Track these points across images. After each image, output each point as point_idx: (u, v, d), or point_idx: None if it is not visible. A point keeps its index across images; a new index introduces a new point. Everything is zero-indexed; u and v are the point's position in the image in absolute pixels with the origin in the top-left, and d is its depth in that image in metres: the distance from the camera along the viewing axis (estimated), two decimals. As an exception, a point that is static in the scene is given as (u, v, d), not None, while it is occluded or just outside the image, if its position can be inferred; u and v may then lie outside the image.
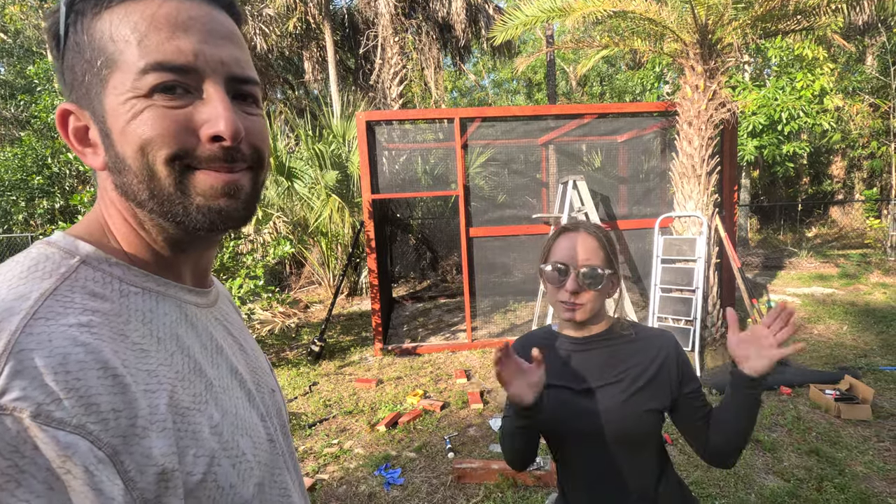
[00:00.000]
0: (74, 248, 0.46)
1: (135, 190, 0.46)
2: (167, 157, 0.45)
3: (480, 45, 11.72)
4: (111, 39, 0.44)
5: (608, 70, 21.34)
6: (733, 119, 4.64)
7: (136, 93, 0.44)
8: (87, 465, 0.35)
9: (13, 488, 0.33)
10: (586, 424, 1.03)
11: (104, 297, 0.44)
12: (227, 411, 0.49)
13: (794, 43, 8.71)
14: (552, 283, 1.05)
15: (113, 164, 0.47)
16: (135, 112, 0.44)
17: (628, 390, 1.03)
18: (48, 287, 0.41)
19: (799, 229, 13.84)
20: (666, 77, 11.60)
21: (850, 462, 2.83)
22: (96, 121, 0.47)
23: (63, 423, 0.35)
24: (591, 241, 1.05)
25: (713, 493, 2.61)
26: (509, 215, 5.90)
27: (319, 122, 8.11)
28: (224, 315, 0.61)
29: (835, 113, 9.64)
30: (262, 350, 3.57)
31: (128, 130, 0.45)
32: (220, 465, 0.45)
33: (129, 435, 0.39)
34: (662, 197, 5.88)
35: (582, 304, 1.03)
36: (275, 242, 4.73)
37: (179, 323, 0.49)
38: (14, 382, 0.35)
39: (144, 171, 0.45)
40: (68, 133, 0.48)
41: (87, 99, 0.46)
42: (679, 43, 4.47)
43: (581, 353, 1.08)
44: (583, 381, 1.05)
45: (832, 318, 5.64)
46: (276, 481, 0.54)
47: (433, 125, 7.16)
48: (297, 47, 11.15)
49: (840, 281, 7.57)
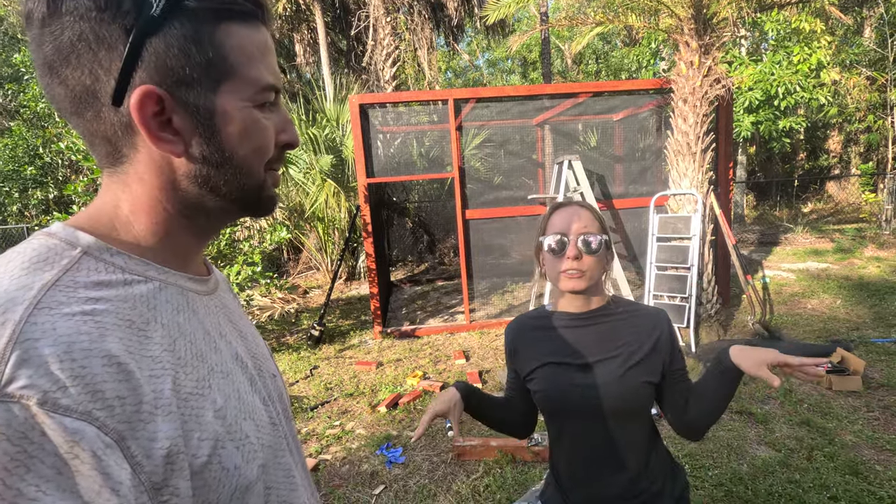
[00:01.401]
0: (75, 238, 0.46)
1: (227, 182, 0.52)
2: (267, 160, 0.54)
3: (474, 24, 11.54)
4: (235, 50, 0.49)
5: (604, 48, 21.07)
6: (728, 95, 4.62)
7: (253, 102, 0.51)
8: (94, 450, 0.37)
9: (23, 473, 0.34)
10: (585, 398, 1.06)
11: (108, 285, 0.45)
12: (230, 396, 0.51)
13: (791, 16, 8.61)
14: (553, 253, 1.08)
15: (210, 157, 0.50)
16: (253, 119, 0.51)
17: (625, 364, 1.06)
18: (50, 277, 0.42)
19: (795, 205, 13.87)
20: (662, 53, 11.47)
21: (840, 432, 2.90)
22: (195, 114, 0.49)
23: (69, 410, 0.36)
24: (584, 212, 1.10)
25: (706, 465, 2.68)
26: (505, 196, 5.91)
27: (312, 105, 8.02)
28: (224, 302, 0.62)
29: (832, 87, 9.58)
30: (263, 335, 3.62)
31: (245, 134, 0.51)
32: (225, 447, 0.47)
33: (135, 420, 0.40)
34: (658, 175, 5.88)
35: (584, 271, 1.06)
36: (271, 229, 4.73)
37: (181, 310, 0.51)
38: (20, 371, 0.35)
39: (247, 169, 0.52)
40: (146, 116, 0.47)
41: (184, 90, 0.48)
42: (674, 18, 4.42)
43: (578, 328, 1.11)
44: (581, 356, 1.08)
45: (826, 293, 5.70)
46: (279, 463, 0.56)
47: (427, 107, 7.10)
48: (287, 30, 10.95)
49: (835, 256, 7.62)
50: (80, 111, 0.47)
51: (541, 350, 1.13)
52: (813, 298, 5.58)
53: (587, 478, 1.10)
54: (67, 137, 4.45)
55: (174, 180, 0.50)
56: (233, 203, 0.54)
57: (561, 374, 1.08)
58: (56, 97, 0.47)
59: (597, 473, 1.09)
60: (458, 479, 2.69)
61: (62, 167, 9.69)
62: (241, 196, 0.53)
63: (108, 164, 0.50)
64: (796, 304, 5.41)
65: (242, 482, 0.48)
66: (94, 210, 0.51)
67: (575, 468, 1.12)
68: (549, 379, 1.09)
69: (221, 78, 0.49)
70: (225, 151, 0.50)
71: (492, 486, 2.59)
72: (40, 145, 9.12)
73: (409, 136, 8.23)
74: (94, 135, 0.49)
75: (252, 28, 0.51)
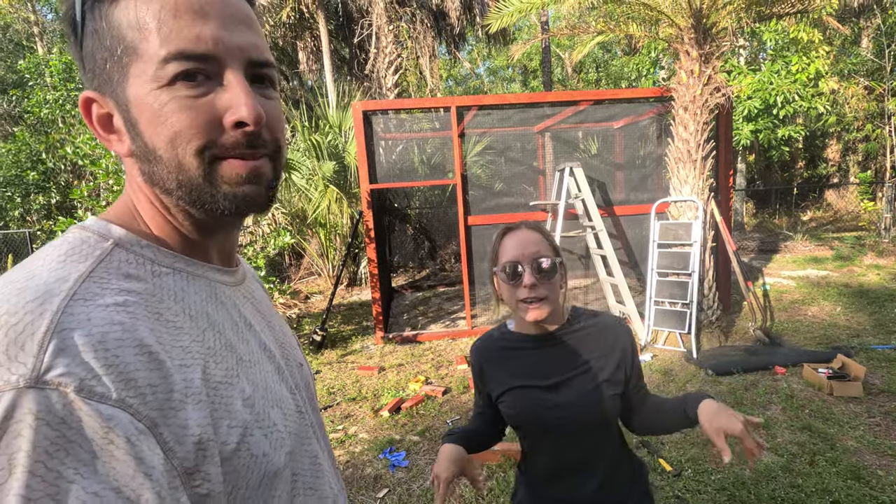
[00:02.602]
0: (107, 231, 0.48)
1: (163, 178, 0.48)
2: (196, 148, 0.46)
3: (475, 33, 11.65)
4: (130, 27, 0.44)
5: (604, 56, 21.24)
6: (728, 103, 4.68)
7: (159, 82, 0.45)
8: (128, 436, 0.38)
9: (63, 457, 0.35)
10: (558, 417, 1.06)
11: (138, 277, 0.46)
12: (258, 385, 0.51)
13: (790, 26, 8.70)
14: (508, 283, 1.05)
15: (141, 153, 0.48)
16: (161, 103, 0.45)
17: (594, 381, 1.06)
18: (85, 270, 0.43)
19: (794, 213, 13.92)
20: (662, 62, 11.57)
21: (842, 437, 2.92)
22: (120, 109, 0.47)
23: (104, 398, 0.37)
24: (534, 235, 1.07)
25: (709, 469, 2.69)
26: (507, 203, 5.93)
27: (315, 112, 8.09)
28: (251, 293, 0.62)
29: (830, 96, 9.66)
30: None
31: (155, 122, 0.45)
32: (253, 435, 0.47)
33: (166, 408, 0.41)
34: (659, 183, 5.92)
35: (543, 298, 1.03)
36: (274, 234, 4.76)
37: (209, 301, 0.51)
38: (58, 360, 0.36)
39: (174, 162, 0.46)
40: (92, 121, 0.49)
41: (109, 86, 0.47)
42: (674, 28, 4.48)
43: (542, 349, 1.10)
44: (548, 377, 1.08)
45: (826, 300, 5.72)
46: (305, 450, 0.57)
47: (430, 114, 7.16)
48: (290, 37, 11.06)
49: (834, 263, 7.65)
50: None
51: (507, 373, 1.12)
52: (813, 305, 5.60)
53: (560, 486, 1.11)
54: (71, 142, 4.49)
55: (140, 179, 0.50)
56: (187, 202, 0.49)
57: (530, 396, 1.08)
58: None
59: (569, 481, 1.10)
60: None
61: (64, 172, 9.74)
62: (187, 194, 0.48)
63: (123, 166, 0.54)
64: (796, 311, 5.43)
65: (270, 469, 0.49)
66: (121, 204, 0.52)
67: (547, 477, 1.12)
68: (519, 402, 1.09)
69: (127, 62, 0.45)
70: (147, 144, 0.47)
71: (495, 489, 2.60)
72: (43, 151, 9.18)
73: (410, 143, 8.28)
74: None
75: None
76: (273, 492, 0.50)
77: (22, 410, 0.35)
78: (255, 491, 0.48)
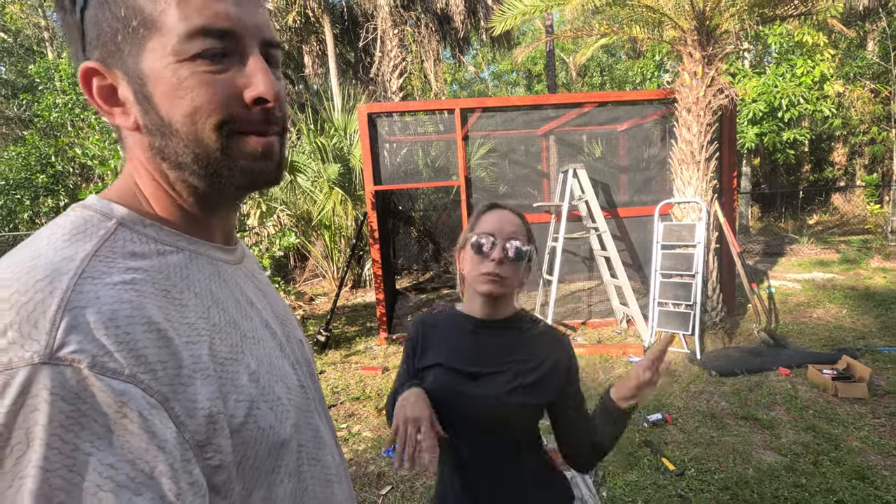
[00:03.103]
0: (110, 210, 0.47)
1: (177, 152, 0.48)
2: (216, 123, 0.47)
3: (479, 37, 11.71)
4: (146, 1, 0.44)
5: (608, 60, 21.27)
6: (732, 105, 4.68)
7: (179, 57, 0.45)
8: (140, 410, 0.38)
9: (78, 430, 0.36)
10: (467, 408, 1.04)
11: (143, 255, 0.46)
12: (262, 360, 0.52)
13: (794, 29, 8.70)
14: (478, 252, 1.04)
15: (154, 127, 0.47)
16: (180, 78, 0.45)
17: (512, 382, 1.04)
18: (91, 248, 0.43)
19: (800, 216, 13.85)
20: (666, 66, 11.58)
21: (847, 437, 2.90)
22: (130, 82, 0.47)
23: (116, 373, 0.38)
24: (515, 218, 1.08)
25: (712, 468, 2.68)
26: (510, 205, 5.95)
27: (321, 116, 8.15)
28: (251, 271, 0.63)
29: (835, 99, 9.63)
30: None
31: (173, 96, 0.46)
32: (259, 408, 0.48)
33: (176, 383, 0.42)
34: (663, 185, 5.92)
35: (504, 278, 1.03)
36: (280, 234, 4.80)
37: (213, 279, 0.52)
38: (70, 337, 0.37)
39: (192, 136, 0.47)
40: (92, 92, 0.48)
41: (118, 58, 0.46)
42: (677, 30, 4.50)
43: (479, 335, 1.09)
44: (472, 364, 1.06)
45: (832, 303, 5.69)
46: (308, 423, 0.58)
47: (434, 117, 7.20)
48: (296, 41, 11.16)
49: (840, 266, 7.61)
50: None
51: (438, 348, 1.11)
52: (818, 308, 5.57)
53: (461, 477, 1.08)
54: (80, 144, 4.56)
55: (144, 155, 0.50)
56: (200, 177, 0.49)
57: (448, 379, 1.06)
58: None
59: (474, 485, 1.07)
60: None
61: (73, 175, 9.85)
62: (202, 168, 0.48)
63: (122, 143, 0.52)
64: (802, 314, 5.41)
65: (277, 440, 0.50)
66: (122, 183, 0.52)
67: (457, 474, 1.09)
68: (438, 381, 1.07)
69: (144, 35, 0.45)
70: (163, 118, 0.47)
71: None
72: (52, 154, 9.29)
73: (415, 145, 8.33)
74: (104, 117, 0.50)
75: None
76: (280, 461, 0.51)
77: (38, 386, 0.35)
78: (263, 461, 0.49)
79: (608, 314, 5.64)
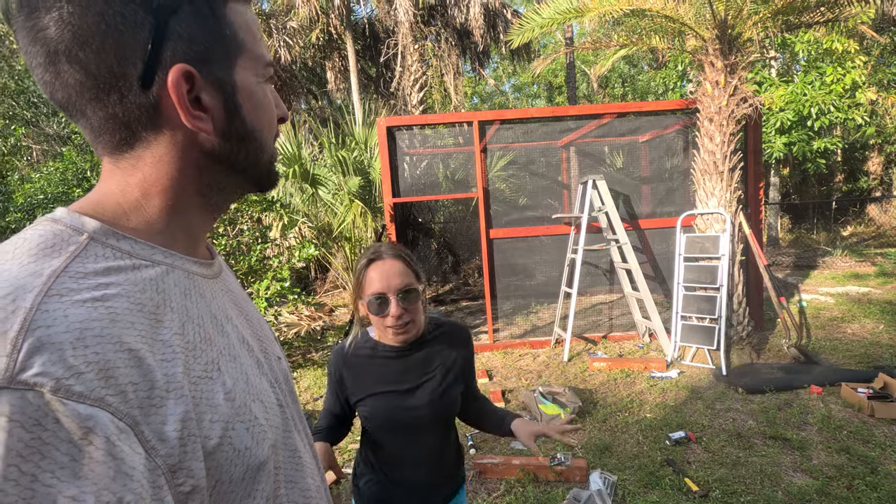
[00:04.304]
0: (81, 224, 0.45)
1: (248, 158, 0.54)
2: (275, 135, 0.57)
3: (499, 50, 11.79)
4: (241, 28, 0.51)
5: (630, 71, 21.11)
6: (756, 114, 4.58)
7: (261, 78, 0.54)
8: (108, 435, 0.36)
9: (38, 460, 0.34)
10: (413, 417, 1.20)
11: (117, 270, 0.44)
12: (239, 379, 0.51)
13: (823, 37, 8.49)
14: (376, 313, 1.14)
15: (237, 134, 0.52)
16: (262, 93, 0.54)
17: (444, 382, 1.23)
18: (59, 264, 0.41)
19: (833, 228, 13.37)
20: (689, 75, 11.42)
21: (884, 461, 2.75)
22: (219, 90, 0.50)
23: (83, 397, 0.36)
24: (398, 264, 1.15)
25: (738, 490, 2.57)
26: (530, 217, 5.92)
27: (342, 130, 8.29)
28: (228, 286, 0.62)
29: (868, 107, 9.32)
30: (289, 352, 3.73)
31: (259, 108, 0.53)
32: (235, 429, 0.47)
33: (147, 405, 0.40)
34: (686, 196, 5.80)
35: (409, 322, 1.15)
36: (300, 246, 4.87)
37: (188, 294, 0.50)
38: (33, 359, 0.35)
39: (266, 143, 0.55)
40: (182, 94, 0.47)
41: (206, 66, 0.48)
42: (698, 39, 4.44)
43: (401, 358, 1.23)
44: (405, 382, 1.21)
45: (867, 318, 5.45)
46: (287, 444, 0.57)
47: (453, 130, 7.25)
48: (319, 58, 11.43)
49: (877, 280, 7.29)
50: (101, 97, 0.45)
51: (367, 380, 1.23)
52: (853, 323, 5.34)
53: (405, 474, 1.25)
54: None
55: (196, 159, 0.51)
56: (247, 178, 0.56)
57: (390, 401, 1.20)
58: (68, 85, 0.45)
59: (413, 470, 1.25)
60: (479, 497, 2.65)
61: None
62: (256, 170, 0.56)
63: (118, 150, 0.49)
64: (835, 329, 5.19)
65: (254, 462, 0.49)
66: (98, 195, 0.49)
67: (393, 467, 1.25)
68: (379, 407, 1.20)
69: (235, 54, 0.51)
70: (248, 126, 0.52)
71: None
72: (88, 169, 9.68)
73: (435, 158, 8.38)
74: (112, 120, 0.47)
75: (248, 6, 0.54)
76: (256, 485, 0.49)
77: None
78: (238, 485, 0.47)
79: (630, 327, 5.51)
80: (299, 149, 7.46)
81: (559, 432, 1.17)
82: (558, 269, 5.54)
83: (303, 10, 9.52)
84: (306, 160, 7.56)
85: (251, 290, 4.48)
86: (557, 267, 5.59)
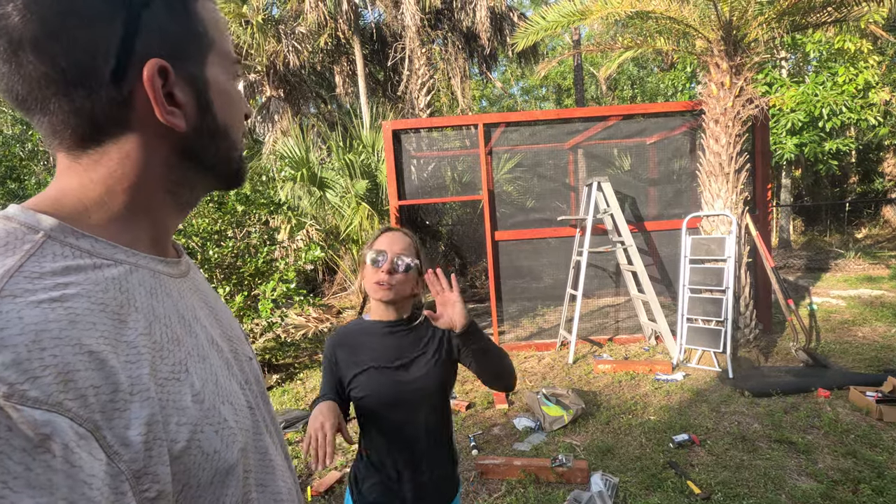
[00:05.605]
0: (36, 222, 0.43)
1: (219, 154, 0.53)
2: (244, 132, 0.57)
3: (506, 53, 11.81)
4: (211, 24, 0.51)
5: (639, 73, 21.01)
6: (763, 115, 4.55)
7: (230, 75, 0.54)
8: (66, 442, 0.35)
9: None
10: (406, 392, 1.25)
11: (76, 269, 0.42)
12: (207, 380, 0.49)
13: (834, 37, 8.39)
14: (373, 264, 1.27)
15: (208, 130, 0.51)
16: (233, 90, 0.54)
17: (433, 358, 1.29)
18: (13, 264, 0.39)
19: (847, 230, 13.17)
20: (698, 77, 11.35)
21: (891, 465, 2.71)
22: (191, 85, 0.49)
23: (39, 402, 0.34)
24: (406, 239, 1.31)
25: (741, 493, 2.56)
26: (536, 219, 5.92)
27: (350, 133, 8.37)
28: (197, 285, 0.60)
29: (882, 107, 9.19)
30: (296, 353, 3.75)
31: (231, 105, 0.53)
32: (203, 432, 0.45)
33: (109, 409, 0.38)
34: (693, 198, 5.77)
35: (393, 285, 1.25)
36: (306, 248, 4.92)
37: (154, 293, 0.49)
38: None
39: (236, 140, 0.55)
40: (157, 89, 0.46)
41: (179, 62, 0.48)
42: (703, 40, 4.43)
43: (393, 334, 1.30)
44: (398, 358, 1.28)
45: (879, 321, 5.37)
46: (257, 446, 0.55)
47: (460, 132, 7.28)
48: (328, 62, 11.54)
49: (891, 282, 7.18)
50: (67, 91, 0.43)
51: (360, 356, 1.28)
52: (864, 326, 5.26)
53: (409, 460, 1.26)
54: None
55: (165, 155, 0.50)
56: (217, 175, 0.55)
57: (383, 375, 1.26)
58: (30, 78, 0.43)
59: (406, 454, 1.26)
60: (479, 497, 2.66)
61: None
62: (226, 167, 0.55)
63: (80, 146, 0.46)
64: (846, 332, 5.12)
65: (223, 466, 0.47)
66: (56, 192, 0.47)
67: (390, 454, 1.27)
68: (373, 381, 1.25)
69: (206, 50, 0.51)
70: (219, 123, 0.52)
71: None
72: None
73: (441, 161, 8.41)
74: (78, 114, 0.45)
75: (215, 4, 0.53)
76: (225, 489, 0.48)
77: None
78: (206, 489, 0.46)
79: (636, 330, 5.49)
80: (307, 152, 7.54)
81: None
82: (564, 272, 5.53)
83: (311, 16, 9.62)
84: (314, 164, 7.64)
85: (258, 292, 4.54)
86: (564, 269, 5.59)
